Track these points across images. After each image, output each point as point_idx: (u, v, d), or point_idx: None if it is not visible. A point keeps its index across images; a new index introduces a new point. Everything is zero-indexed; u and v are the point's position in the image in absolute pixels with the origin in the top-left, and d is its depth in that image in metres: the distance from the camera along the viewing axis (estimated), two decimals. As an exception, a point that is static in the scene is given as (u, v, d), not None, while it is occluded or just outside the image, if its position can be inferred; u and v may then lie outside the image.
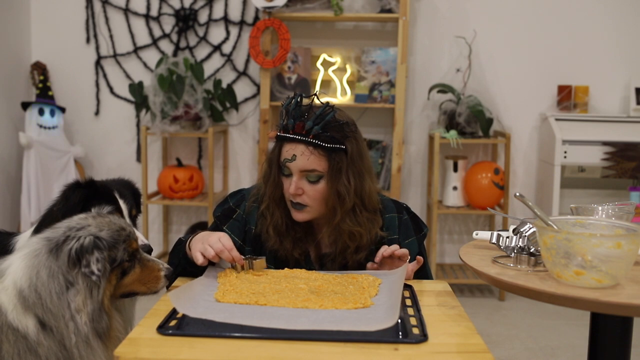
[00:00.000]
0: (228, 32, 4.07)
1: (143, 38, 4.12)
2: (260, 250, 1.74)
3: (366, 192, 1.64)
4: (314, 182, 1.61)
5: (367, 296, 1.38)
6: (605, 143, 3.61)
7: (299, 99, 1.61)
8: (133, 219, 1.82)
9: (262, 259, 1.58)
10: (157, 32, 4.10)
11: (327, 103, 1.61)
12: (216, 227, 1.77)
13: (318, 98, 1.63)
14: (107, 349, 1.37)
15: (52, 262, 1.33)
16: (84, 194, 1.73)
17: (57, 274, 1.32)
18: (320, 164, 1.60)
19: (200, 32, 4.08)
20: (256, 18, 4.02)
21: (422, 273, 1.73)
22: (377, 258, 1.60)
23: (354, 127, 1.65)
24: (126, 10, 4.09)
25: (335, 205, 1.61)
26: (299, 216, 1.65)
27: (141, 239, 1.72)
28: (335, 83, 3.89)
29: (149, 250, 1.72)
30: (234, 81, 4.09)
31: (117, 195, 1.78)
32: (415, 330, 1.23)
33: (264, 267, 1.59)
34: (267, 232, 1.70)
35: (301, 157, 1.59)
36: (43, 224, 1.67)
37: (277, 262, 1.72)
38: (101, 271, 1.33)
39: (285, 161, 1.62)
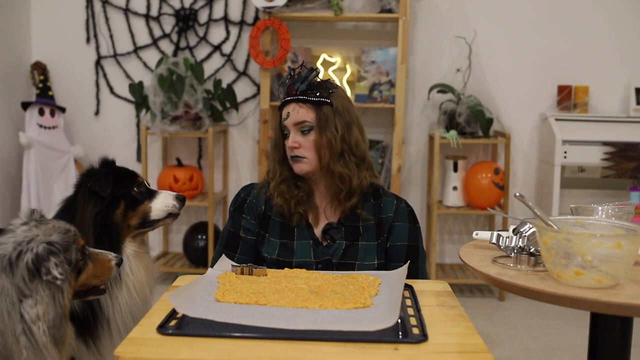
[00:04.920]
0: (228, 32, 4.07)
1: (143, 38, 4.12)
2: (268, 226, 1.87)
3: (353, 139, 1.84)
4: (306, 133, 1.82)
5: (367, 296, 1.38)
6: (605, 143, 3.61)
7: (292, 72, 1.86)
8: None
9: (262, 269, 1.59)
10: (157, 32, 4.10)
11: (312, 67, 1.86)
12: (234, 221, 1.91)
13: (305, 66, 1.86)
14: (61, 356, 1.35)
15: (5, 280, 1.30)
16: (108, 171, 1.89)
17: (10, 290, 1.29)
18: (309, 115, 1.81)
19: (200, 32, 4.08)
20: (256, 18, 4.02)
21: (414, 270, 1.83)
22: None
23: (342, 91, 1.88)
24: (126, 10, 4.09)
25: (326, 151, 1.82)
26: (297, 168, 1.83)
27: (170, 194, 1.94)
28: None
29: (184, 198, 1.95)
30: (234, 81, 4.09)
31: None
32: (415, 330, 1.23)
33: (265, 275, 1.60)
34: (275, 193, 1.87)
35: (292, 112, 1.82)
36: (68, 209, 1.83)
37: (282, 222, 1.87)
38: (63, 274, 1.32)
39: (282, 121, 1.85)
